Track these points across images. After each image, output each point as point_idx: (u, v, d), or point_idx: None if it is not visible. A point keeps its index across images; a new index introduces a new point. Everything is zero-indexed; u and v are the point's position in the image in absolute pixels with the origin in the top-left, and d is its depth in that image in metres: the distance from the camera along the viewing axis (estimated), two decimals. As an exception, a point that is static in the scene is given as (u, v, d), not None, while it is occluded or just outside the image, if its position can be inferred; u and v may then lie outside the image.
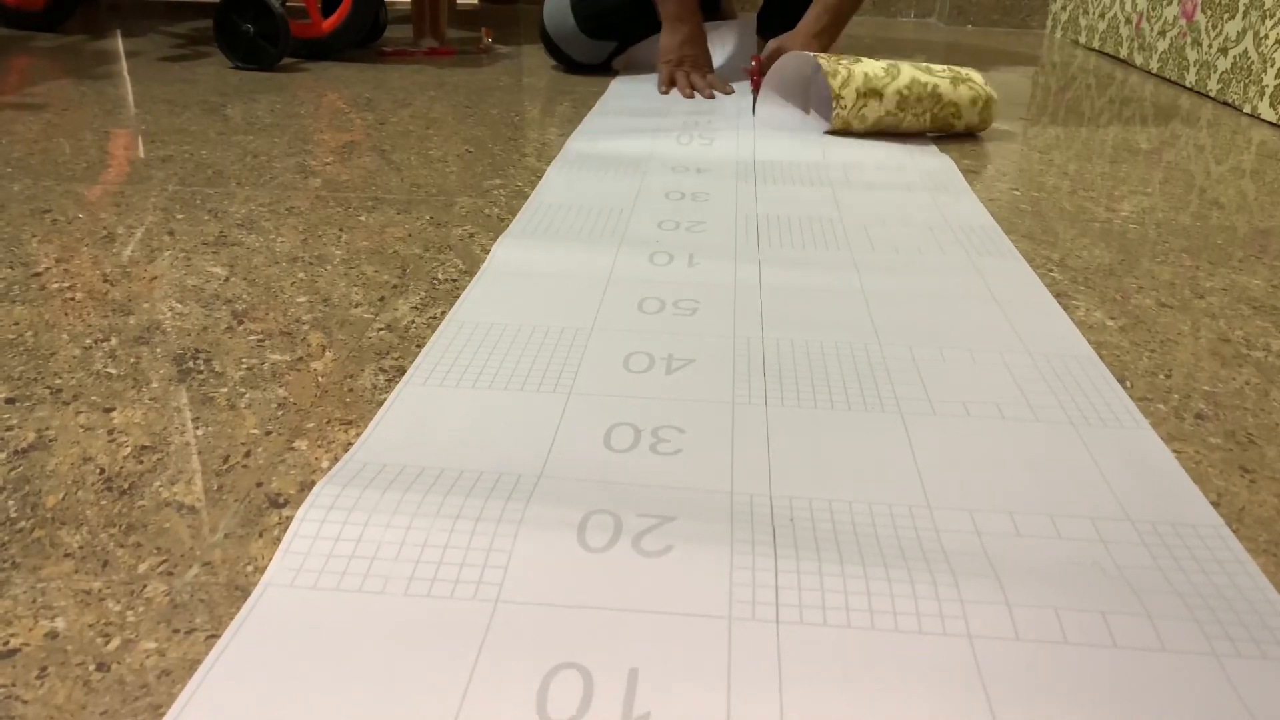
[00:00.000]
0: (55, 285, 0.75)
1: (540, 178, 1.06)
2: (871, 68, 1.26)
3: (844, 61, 1.27)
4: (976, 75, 1.31)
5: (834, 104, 1.24)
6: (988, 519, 0.48)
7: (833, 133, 1.27)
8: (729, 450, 0.53)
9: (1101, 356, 0.66)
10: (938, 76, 1.27)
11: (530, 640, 0.39)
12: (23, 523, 0.46)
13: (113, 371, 0.61)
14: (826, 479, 0.51)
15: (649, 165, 1.12)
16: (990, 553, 0.45)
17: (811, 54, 1.32)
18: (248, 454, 0.53)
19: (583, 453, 0.53)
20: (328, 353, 0.65)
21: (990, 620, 0.41)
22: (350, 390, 0.60)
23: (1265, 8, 1.48)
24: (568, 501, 0.48)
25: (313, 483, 0.50)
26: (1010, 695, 0.37)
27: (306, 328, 0.68)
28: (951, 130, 1.31)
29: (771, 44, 1.47)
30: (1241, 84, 1.55)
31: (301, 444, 0.54)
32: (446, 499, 0.47)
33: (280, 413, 0.57)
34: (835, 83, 1.24)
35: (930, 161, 1.15)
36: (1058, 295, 0.76)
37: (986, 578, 0.43)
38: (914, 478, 0.51)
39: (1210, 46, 1.65)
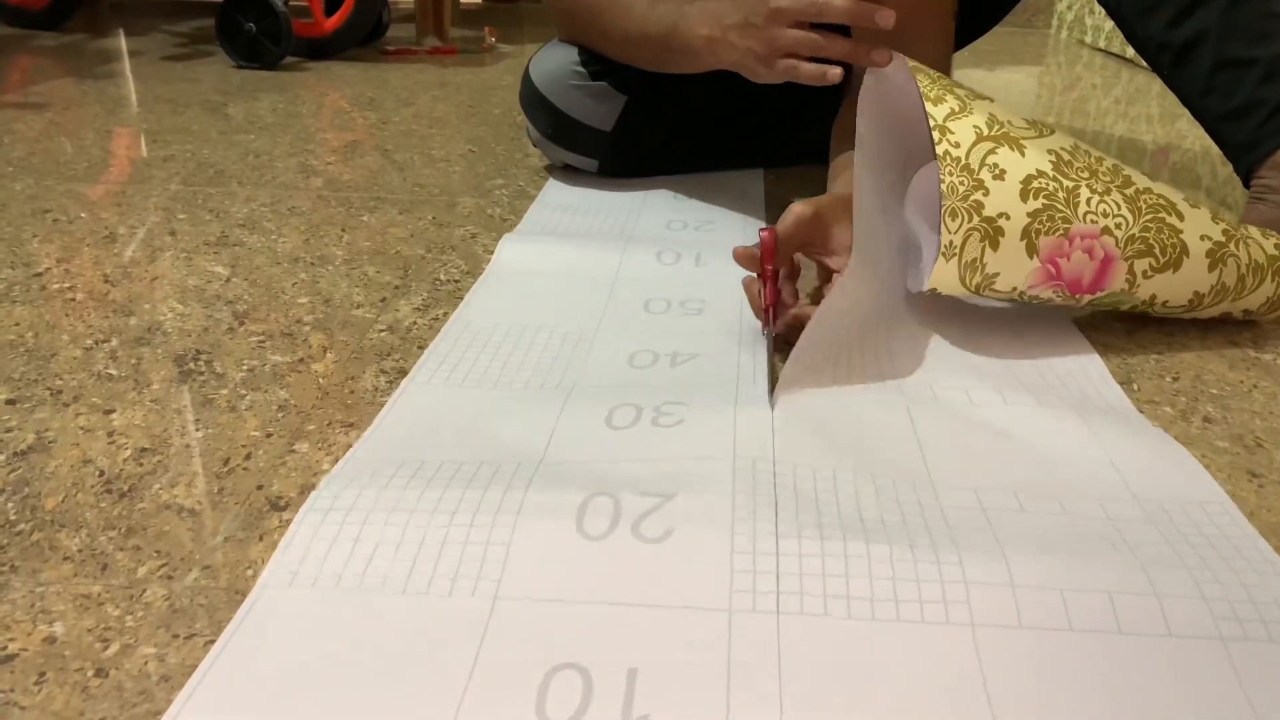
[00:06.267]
0: (56, 286, 0.75)
1: (544, 179, 1.06)
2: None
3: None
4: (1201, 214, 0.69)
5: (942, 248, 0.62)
6: (992, 495, 0.48)
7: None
8: (731, 416, 0.53)
9: (1107, 359, 0.65)
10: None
11: (529, 640, 0.39)
12: (22, 525, 0.46)
13: (113, 373, 0.61)
14: (830, 447, 0.51)
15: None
16: (995, 526, 0.45)
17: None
18: (248, 456, 0.52)
19: (584, 432, 0.53)
20: (329, 354, 0.64)
21: (994, 604, 0.40)
22: (352, 392, 0.59)
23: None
24: (567, 485, 0.47)
25: (314, 485, 0.49)
26: (1010, 688, 0.37)
27: (308, 329, 0.68)
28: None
29: (797, 209, 0.68)
30: (1247, 84, 1.54)
31: (303, 446, 0.53)
32: (445, 492, 0.47)
33: (281, 415, 0.56)
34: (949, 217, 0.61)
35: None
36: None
37: (991, 553, 0.42)
38: (917, 455, 0.51)
39: (1216, 46, 1.64)
